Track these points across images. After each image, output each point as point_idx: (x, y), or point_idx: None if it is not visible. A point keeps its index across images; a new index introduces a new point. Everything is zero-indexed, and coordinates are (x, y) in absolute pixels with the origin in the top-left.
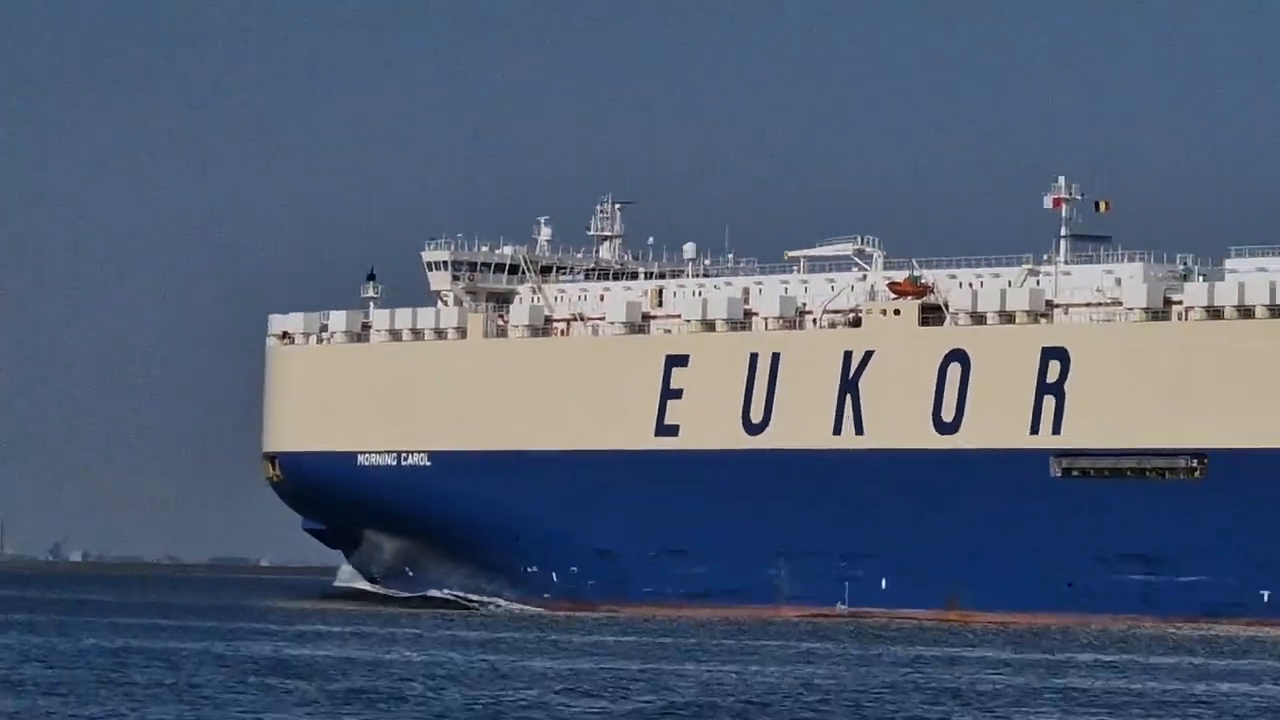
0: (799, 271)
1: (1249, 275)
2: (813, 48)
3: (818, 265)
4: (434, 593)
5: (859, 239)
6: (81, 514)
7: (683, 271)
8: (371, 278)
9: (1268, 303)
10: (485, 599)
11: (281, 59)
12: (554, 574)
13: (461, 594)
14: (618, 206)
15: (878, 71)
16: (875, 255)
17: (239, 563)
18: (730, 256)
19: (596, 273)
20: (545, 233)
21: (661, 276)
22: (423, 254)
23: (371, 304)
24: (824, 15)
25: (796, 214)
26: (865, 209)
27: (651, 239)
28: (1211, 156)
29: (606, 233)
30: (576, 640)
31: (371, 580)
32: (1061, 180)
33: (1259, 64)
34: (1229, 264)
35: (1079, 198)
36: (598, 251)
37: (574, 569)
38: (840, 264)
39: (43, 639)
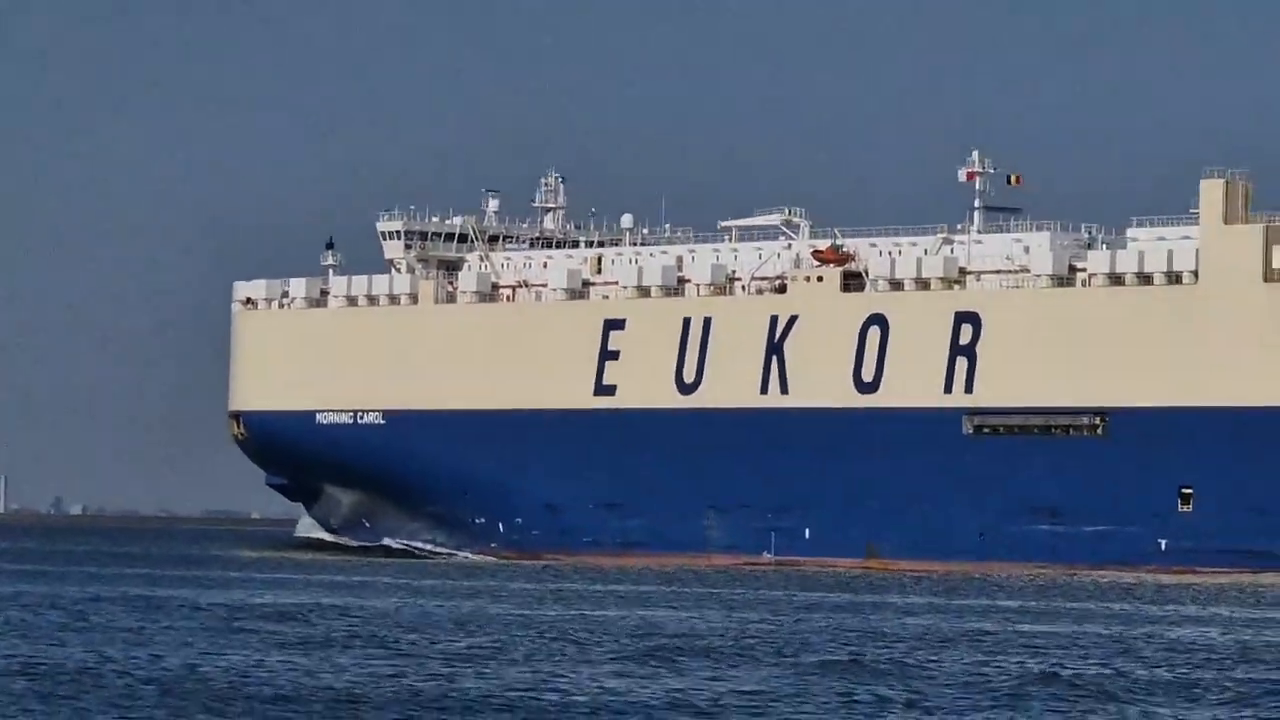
0: (730, 241)
1: (1148, 244)
2: (746, 30)
3: (748, 234)
4: (388, 542)
5: (787, 210)
6: (81, 470)
7: (621, 240)
8: (330, 246)
9: (1165, 270)
10: (436, 549)
11: (247, 39)
12: (500, 525)
13: (414, 544)
14: (561, 179)
15: (808, 51)
16: (802, 225)
17: (231, 515)
18: (667, 226)
19: (541, 242)
20: (493, 204)
21: (602, 245)
22: (377, 224)
23: (331, 271)
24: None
25: (730, 186)
26: (794, 182)
27: (593, 210)
28: (1116, 133)
29: (550, 204)
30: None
31: (330, 531)
32: (975, 155)
33: (1161, 44)
34: (1131, 233)
35: (991, 171)
36: (542, 222)
37: (519, 521)
38: (769, 233)
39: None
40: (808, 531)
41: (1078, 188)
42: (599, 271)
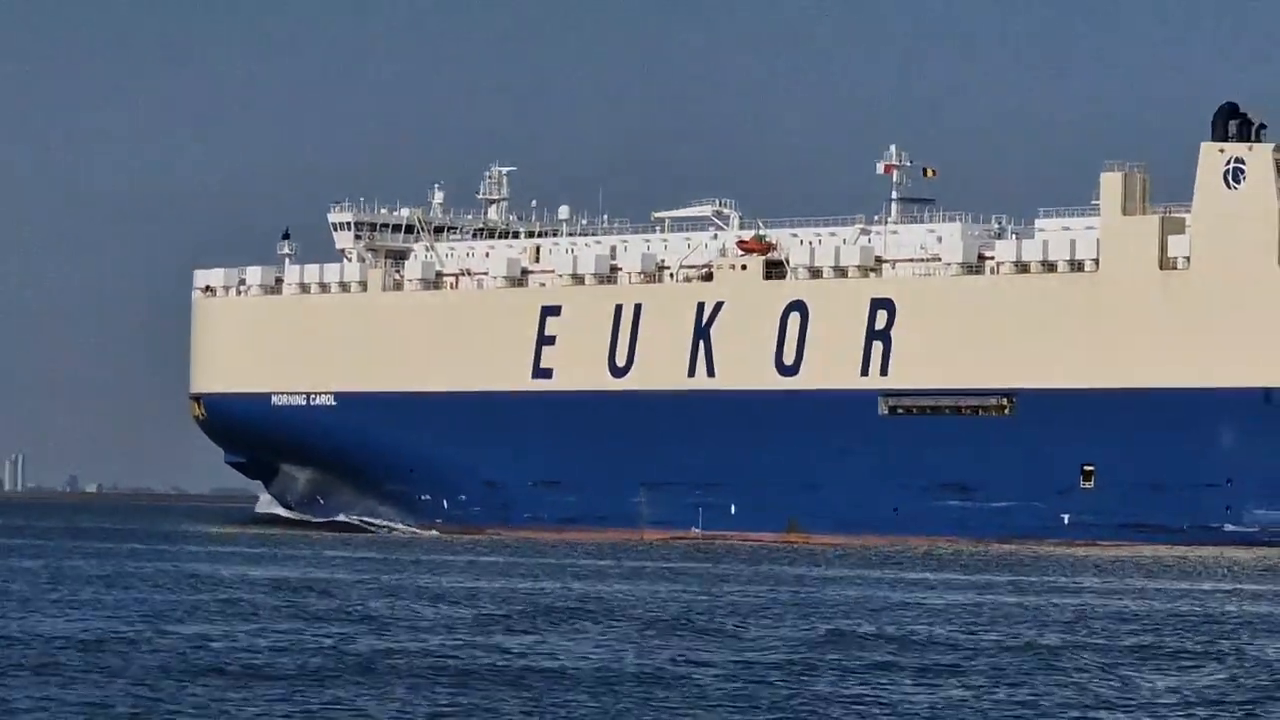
0: (661, 231)
1: (1054, 234)
2: (680, 31)
3: (681, 225)
4: (341, 518)
5: (718, 201)
6: (95, 450)
7: (559, 231)
8: (287, 236)
9: (1068, 258)
10: (385, 523)
11: (210, 41)
12: (444, 502)
13: (365, 519)
14: (504, 172)
15: (740, 51)
16: (731, 216)
17: (238, 493)
18: (605, 217)
19: (484, 232)
20: (439, 196)
21: (542, 235)
22: (329, 216)
23: (287, 260)
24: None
25: (664, 179)
26: (724, 175)
27: (534, 202)
28: (1026, 128)
29: (493, 196)
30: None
31: (288, 507)
32: (893, 149)
33: (1067, 45)
34: (1038, 224)
35: (908, 165)
36: (486, 213)
37: (462, 497)
38: (700, 224)
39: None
40: (733, 507)
41: (989, 180)
42: (537, 261)
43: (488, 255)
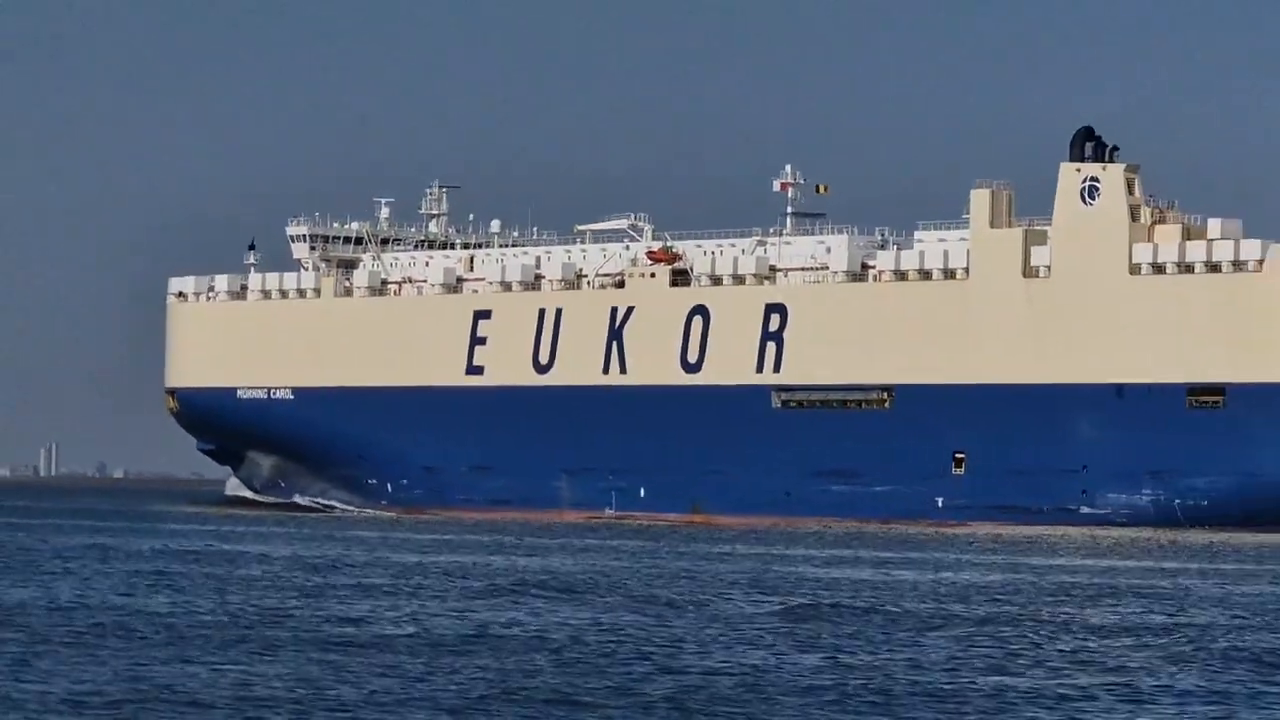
0: (581, 243)
1: (931, 245)
2: (600, 60)
3: (600, 237)
4: (298, 499)
5: (633, 215)
6: (122, 438)
7: (491, 243)
8: (252, 247)
9: (942, 267)
10: (337, 504)
11: (174, 70)
12: (389, 485)
13: (320, 501)
14: (444, 189)
15: (654, 78)
16: (645, 228)
17: None
18: (533, 229)
19: (426, 244)
20: (385, 211)
21: (476, 247)
22: (286, 229)
23: (252, 268)
24: (608, 29)
25: (586, 195)
26: (640, 190)
27: (472, 216)
28: (908, 147)
29: (434, 211)
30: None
31: (253, 490)
32: (788, 168)
33: (944, 71)
34: (917, 235)
35: (802, 182)
36: (427, 226)
37: (404, 481)
38: (617, 236)
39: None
40: (643, 491)
41: (875, 196)
42: (471, 269)
43: (427, 265)
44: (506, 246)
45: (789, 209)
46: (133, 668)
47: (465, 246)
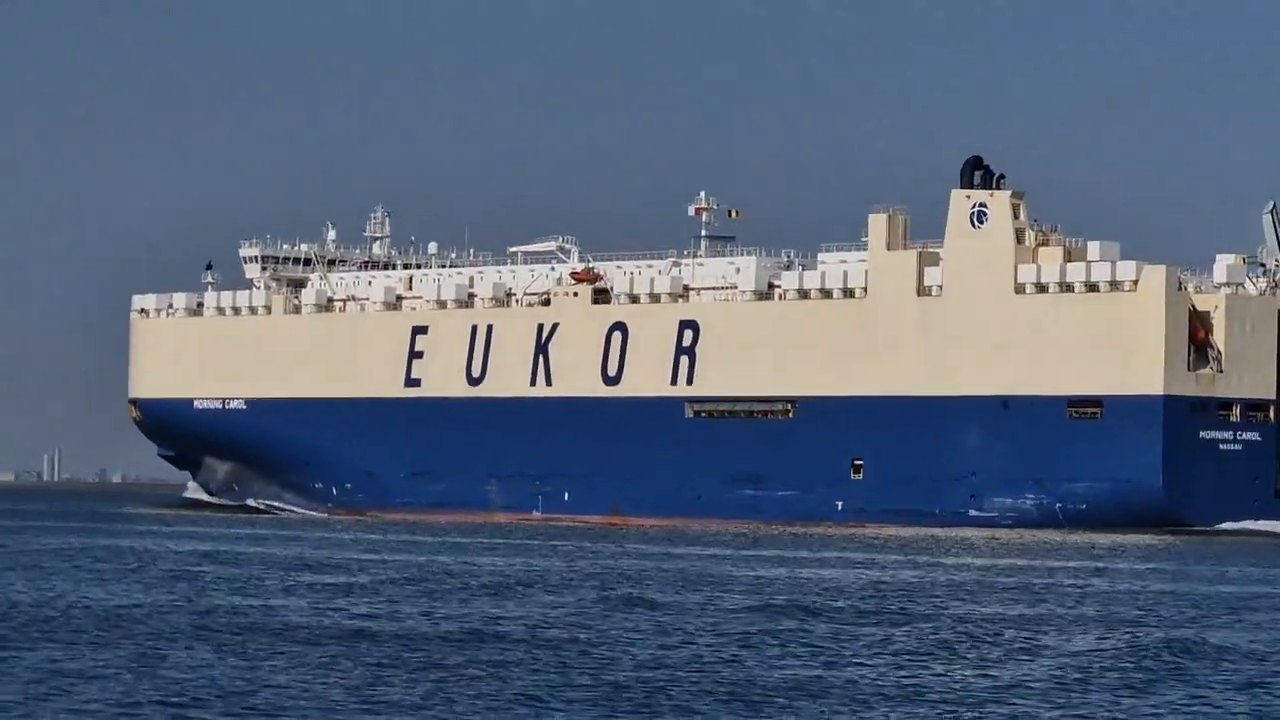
0: (513, 263)
1: (832, 266)
2: (530, 98)
3: (531, 257)
4: (251, 502)
5: (561, 238)
6: (121, 445)
7: (429, 263)
8: (209, 267)
9: (842, 286)
10: (286, 507)
11: (135, 102)
12: (334, 489)
13: (272, 504)
14: (387, 214)
15: (581, 113)
16: (572, 250)
17: None
18: (470, 251)
19: (370, 264)
20: (332, 234)
21: (418, 267)
22: (239, 250)
23: (210, 287)
24: (538, 70)
25: (519, 218)
26: (568, 213)
27: (413, 238)
28: (814, 175)
29: (377, 234)
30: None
31: (210, 493)
32: (703, 194)
33: (845, 104)
34: (821, 257)
35: (715, 207)
36: (371, 248)
37: (348, 485)
38: (546, 257)
39: None
40: (566, 494)
41: (783, 219)
42: (410, 289)
43: (370, 284)
44: (444, 267)
45: (703, 232)
46: None
47: (406, 267)
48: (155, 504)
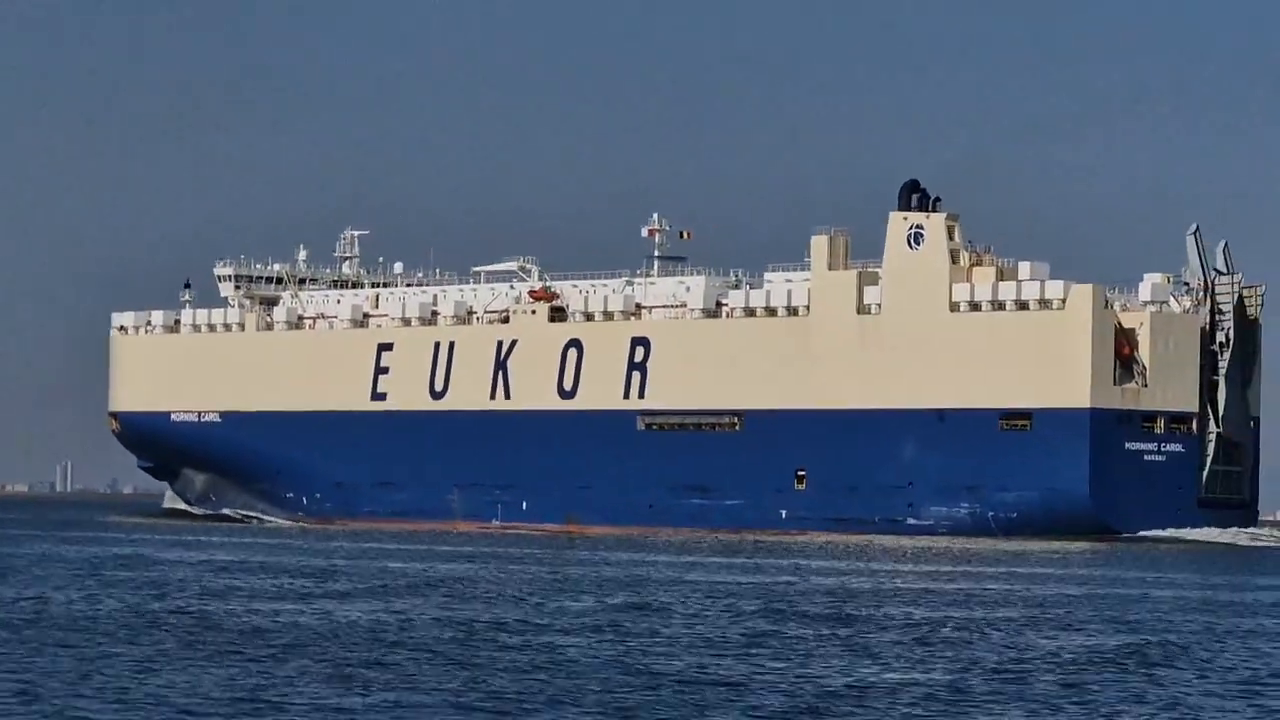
0: (475, 283)
1: (777, 285)
2: (493, 124)
3: (493, 276)
4: (227, 511)
5: (522, 258)
6: (131, 456)
7: (395, 282)
8: (187, 286)
9: (786, 305)
10: (259, 516)
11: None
12: (304, 499)
13: (244, 512)
14: (356, 235)
15: (541, 137)
16: (533, 269)
17: None
18: (436, 270)
19: (339, 283)
20: (303, 254)
21: (384, 286)
22: (214, 270)
23: (187, 305)
24: (500, 96)
25: (482, 239)
26: (529, 235)
27: (381, 258)
28: (760, 197)
29: (347, 254)
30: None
31: (188, 503)
32: (656, 216)
33: (787, 126)
34: (768, 277)
35: (667, 229)
36: (340, 268)
37: (317, 495)
38: (507, 276)
39: None
40: (524, 503)
41: (732, 240)
42: (376, 307)
43: (339, 302)
44: (410, 286)
45: (656, 253)
46: None
47: (373, 286)
48: (134, 513)
